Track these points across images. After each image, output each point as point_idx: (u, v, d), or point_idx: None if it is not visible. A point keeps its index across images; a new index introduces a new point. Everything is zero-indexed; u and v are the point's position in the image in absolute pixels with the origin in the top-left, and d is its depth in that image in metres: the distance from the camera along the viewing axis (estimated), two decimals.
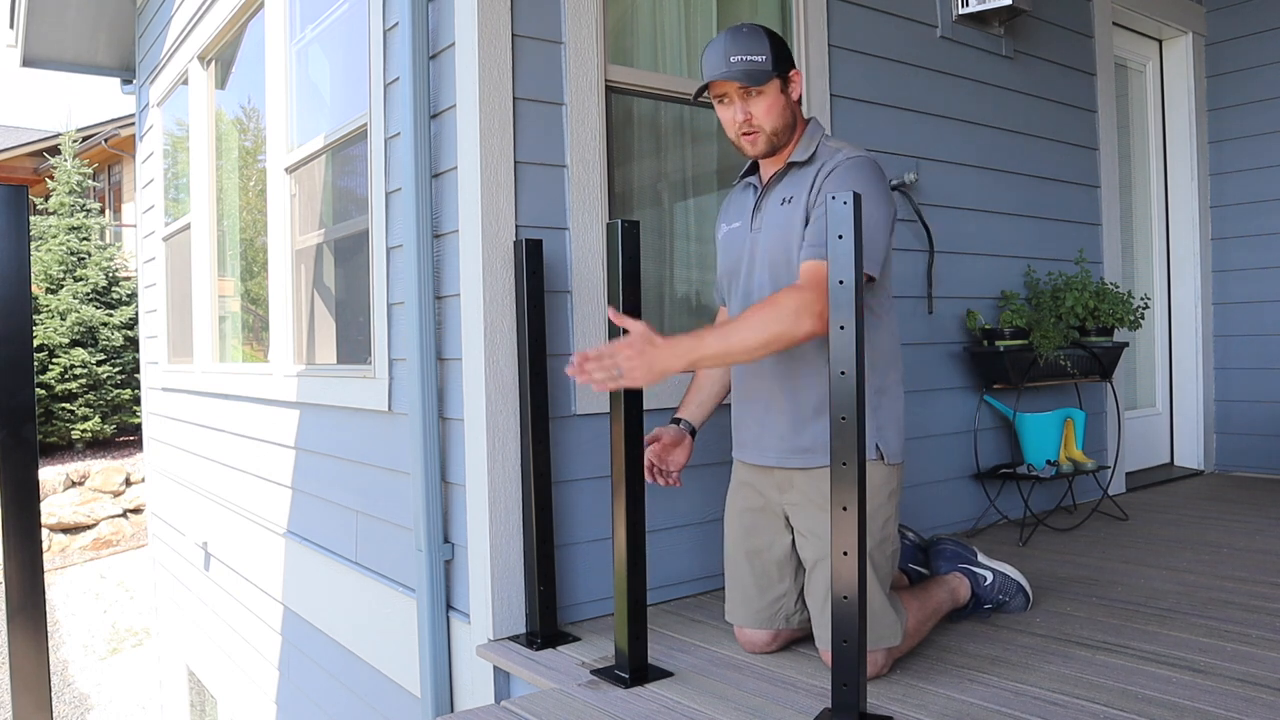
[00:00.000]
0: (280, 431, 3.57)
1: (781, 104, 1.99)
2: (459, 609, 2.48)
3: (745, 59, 1.95)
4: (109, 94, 60.05)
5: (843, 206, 1.62)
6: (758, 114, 1.98)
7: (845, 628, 1.66)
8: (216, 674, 4.56)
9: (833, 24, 2.94)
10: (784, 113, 2.00)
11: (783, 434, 2.03)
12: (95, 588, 9.29)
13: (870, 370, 2.03)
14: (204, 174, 4.44)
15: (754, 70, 1.95)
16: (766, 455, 2.07)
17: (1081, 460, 3.39)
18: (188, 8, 4.52)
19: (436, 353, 2.48)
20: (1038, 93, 3.63)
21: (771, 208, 2.04)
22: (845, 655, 1.66)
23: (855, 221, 1.62)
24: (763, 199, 2.07)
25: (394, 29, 2.68)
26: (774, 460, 2.05)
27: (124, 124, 15.66)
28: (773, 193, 2.05)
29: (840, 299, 1.64)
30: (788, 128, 2.02)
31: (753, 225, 2.07)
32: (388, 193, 2.74)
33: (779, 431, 2.04)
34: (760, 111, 1.98)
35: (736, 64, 1.95)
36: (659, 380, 1.78)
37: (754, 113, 1.98)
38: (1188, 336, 4.56)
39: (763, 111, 1.98)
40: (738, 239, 2.12)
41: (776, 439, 2.04)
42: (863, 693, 1.67)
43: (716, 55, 1.97)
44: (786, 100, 2.00)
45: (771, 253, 2.00)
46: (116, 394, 11.61)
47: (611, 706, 1.88)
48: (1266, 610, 2.34)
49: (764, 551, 2.09)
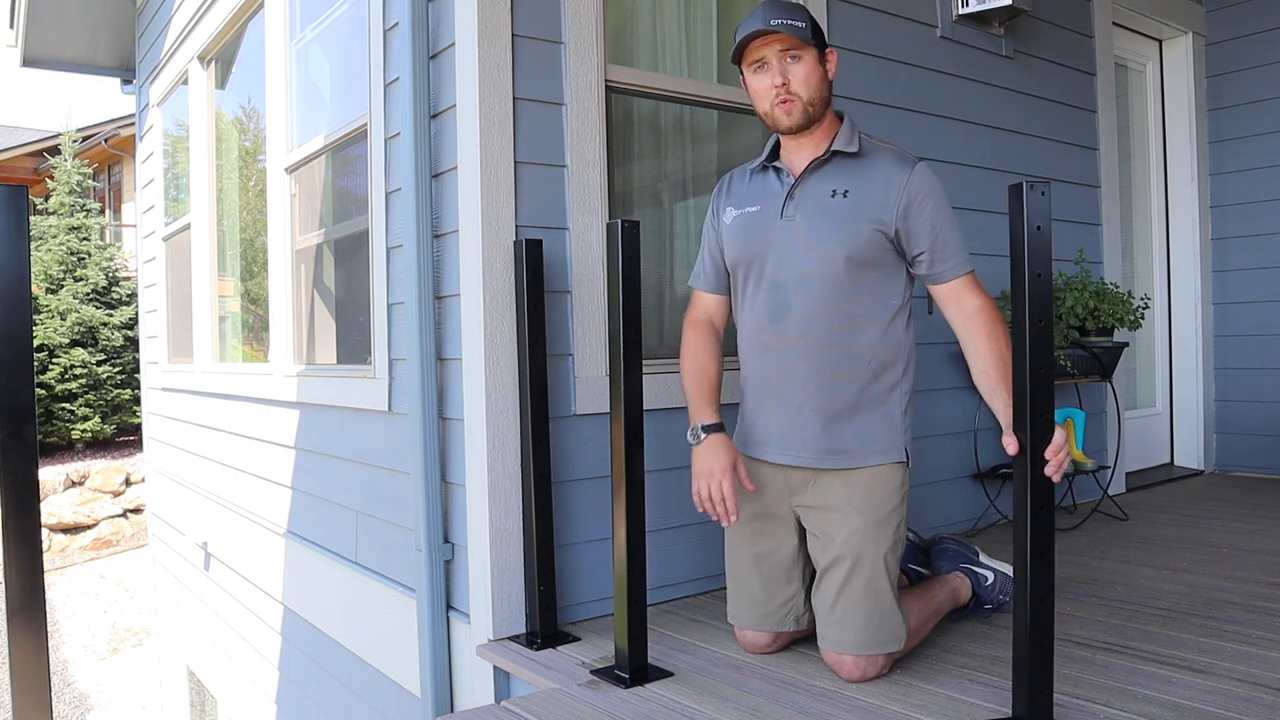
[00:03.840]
0: (280, 431, 3.57)
1: (820, 75, 1.97)
2: (459, 609, 2.48)
3: (786, 22, 1.94)
4: (109, 94, 60.11)
5: (1039, 197, 1.63)
6: (796, 80, 1.96)
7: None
8: (216, 674, 4.56)
9: (833, 24, 2.94)
10: (820, 85, 1.98)
11: (814, 434, 1.98)
12: (95, 588, 9.29)
13: (904, 372, 2.03)
14: (204, 174, 4.44)
15: (798, 31, 1.93)
16: (795, 454, 2.01)
17: (1081, 460, 3.39)
18: (188, 8, 4.52)
19: (436, 353, 2.48)
20: (1038, 93, 3.63)
21: (814, 196, 1.98)
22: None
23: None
24: (798, 186, 2.01)
25: (394, 29, 2.68)
26: (803, 460, 2.00)
27: (124, 124, 15.67)
28: (811, 180, 2.00)
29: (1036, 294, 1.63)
30: (823, 102, 1.99)
31: (784, 212, 2.00)
32: (388, 193, 2.74)
33: (809, 431, 1.99)
34: (799, 78, 1.96)
35: (779, 24, 1.93)
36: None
37: (792, 78, 1.96)
38: (1188, 336, 4.56)
39: (801, 78, 1.96)
40: (758, 225, 2.04)
41: (806, 438, 1.99)
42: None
43: (756, 20, 1.95)
44: (824, 75, 1.99)
45: (821, 246, 1.94)
46: (116, 394, 11.62)
47: (611, 706, 1.88)
48: (1266, 610, 2.34)
49: (772, 555, 2.07)
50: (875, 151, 1.99)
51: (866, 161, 1.98)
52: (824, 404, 1.97)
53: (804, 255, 1.96)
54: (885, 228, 1.93)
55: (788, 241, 1.99)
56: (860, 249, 1.93)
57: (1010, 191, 1.64)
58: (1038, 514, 1.64)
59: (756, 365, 2.07)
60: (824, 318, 1.96)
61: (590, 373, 2.42)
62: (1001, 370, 1.85)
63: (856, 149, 1.98)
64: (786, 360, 2.00)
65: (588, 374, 2.42)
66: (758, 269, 2.04)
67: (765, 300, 2.03)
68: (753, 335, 2.07)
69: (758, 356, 2.06)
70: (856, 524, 1.94)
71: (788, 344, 1.99)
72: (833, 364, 1.96)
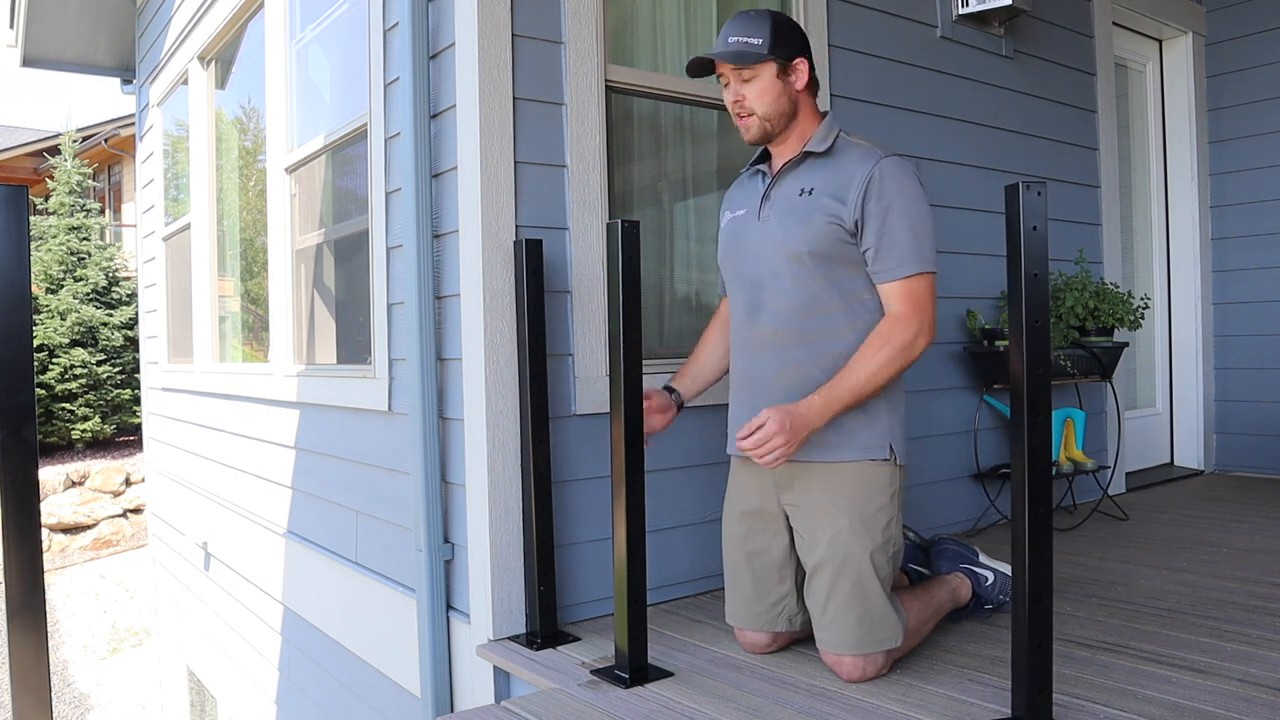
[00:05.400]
0: (280, 431, 3.58)
1: (776, 90, 1.98)
2: (459, 609, 2.48)
3: (740, 40, 1.96)
4: (109, 94, 60.10)
5: (1035, 197, 1.62)
6: (749, 97, 1.99)
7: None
8: (216, 674, 4.56)
9: (833, 24, 2.94)
10: (779, 99, 1.99)
11: None
12: (95, 588, 9.29)
13: None
14: (204, 174, 4.44)
15: (743, 52, 1.96)
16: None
17: (1082, 460, 3.39)
18: (188, 8, 4.52)
19: (436, 353, 2.48)
20: (1038, 93, 3.63)
21: (784, 196, 2.01)
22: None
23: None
24: (773, 188, 2.04)
25: (394, 29, 2.68)
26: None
27: (124, 124, 15.66)
28: (784, 181, 2.03)
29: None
30: (783, 115, 2.00)
31: (760, 214, 2.04)
32: (388, 193, 2.74)
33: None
34: (751, 95, 1.99)
35: (729, 45, 1.97)
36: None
37: (745, 95, 1.99)
38: (1188, 336, 4.56)
39: (754, 95, 1.98)
40: (741, 227, 2.09)
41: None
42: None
43: (720, 36, 2.00)
44: (784, 87, 1.99)
45: (787, 244, 1.97)
46: (116, 394, 11.62)
47: (611, 706, 1.88)
48: (1266, 610, 2.34)
49: (763, 554, 2.08)
50: (847, 149, 2.00)
51: (836, 159, 1.99)
52: (798, 399, 1.98)
53: (774, 254, 2.00)
54: (843, 221, 1.93)
55: (762, 241, 2.03)
56: (821, 243, 1.94)
57: (1006, 192, 1.64)
58: (1036, 514, 1.63)
59: (737, 362, 2.13)
60: (795, 314, 1.98)
61: (590, 373, 2.43)
62: (853, 363, 1.89)
63: (826, 148, 1.99)
64: (761, 356, 2.04)
65: (588, 374, 2.42)
66: (739, 269, 2.09)
67: (744, 299, 2.08)
68: (734, 334, 2.13)
69: (738, 354, 2.12)
70: (841, 524, 1.94)
71: (762, 340, 2.03)
72: (806, 360, 1.98)
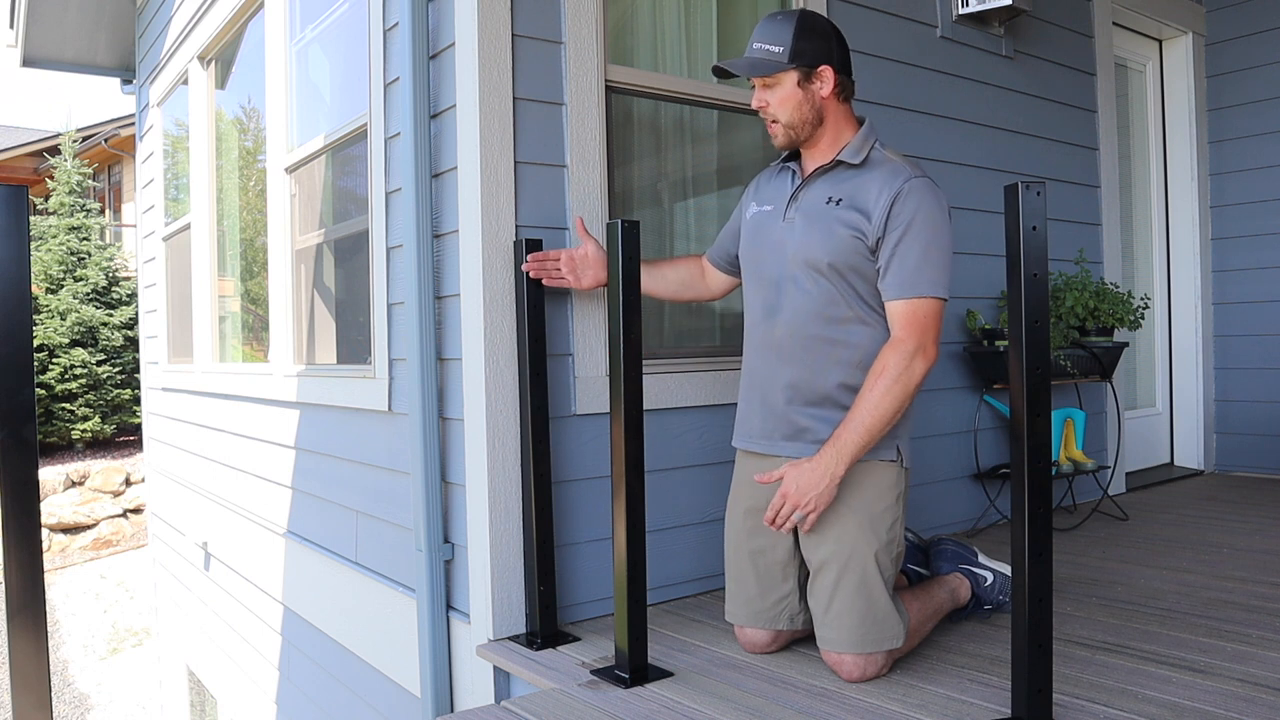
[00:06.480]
0: (280, 431, 3.57)
1: (798, 98, 1.97)
2: (459, 609, 2.48)
3: (761, 48, 1.96)
4: (109, 94, 60.11)
5: (1035, 197, 1.61)
6: (772, 104, 1.99)
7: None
8: (216, 674, 4.56)
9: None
10: (801, 107, 1.98)
11: (797, 427, 2.02)
12: (95, 588, 9.29)
13: None
14: (204, 174, 4.44)
15: (760, 61, 1.96)
16: (776, 445, 2.05)
17: (1081, 460, 3.39)
18: (188, 8, 4.52)
19: (436, 353, 2.48)
20: (1038, 93, 3.63)
21: (812, 201, 2.00)
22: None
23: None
24: (802, 190, 2.04)
25: (394, 29, 2.68)
26: (787, 451, 2.03)
27: (124, 124, 15.66)
28: (814, 186, 2.02)
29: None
30: (807, 123, 1.99)
31: (786, 214, 2.04)
32: (388, 193, 2.74)
33: (792, 424, 2.02)
34: (774, 102, 1.99)
35: (751, 52, 1.97)
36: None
37: (769, 101, 2.00)
38: (1188, 336, 4.56)
39: (776, 103, 1.99)
40: (765, 224, 2.08)
41: (789, 431, 2.03)
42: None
43: (750, 40, 2.00)
44: (806, 94, 1.97)
45: (808, 251, 1.97)
46: (116, 394, 11.61)
47: (611, 706, 1.88)
48: (1266, 610, 2.34)
49: (767, 552, 2.08)
50: (880, 164, 1.98)
51: (868, 173, 1.98)
52: (807, 400, 2.01)
53: (795, 258, 2.00)
54: (866, 236, 1.93)
55: (784, 243, 2.03)
56: (841, 255, 1.94)
57: (1005, 192, 1.64)
58: (1036, 514, 1.63)
59: (749, 359, 2.13)
60: (811, 319, 1.98)
61: (590, 373, 2.43)
62: (855, 403, 1.90)
63: (860, 160, 1.98)
64: (774, 356, 2.04)
65: (588, 374, 2.42)
66: (758, 266, 2.09)
67: (761, 298, 2.08)
68: (749, 330, 2.13)
69: (751, 351, 2.12)
70: (848, 523, 1.94)
71: (776, 341, 2.03)
72: (818, 363, 1.99)
